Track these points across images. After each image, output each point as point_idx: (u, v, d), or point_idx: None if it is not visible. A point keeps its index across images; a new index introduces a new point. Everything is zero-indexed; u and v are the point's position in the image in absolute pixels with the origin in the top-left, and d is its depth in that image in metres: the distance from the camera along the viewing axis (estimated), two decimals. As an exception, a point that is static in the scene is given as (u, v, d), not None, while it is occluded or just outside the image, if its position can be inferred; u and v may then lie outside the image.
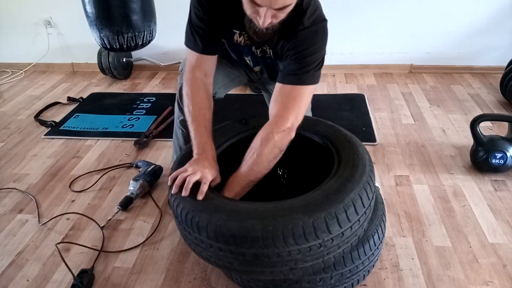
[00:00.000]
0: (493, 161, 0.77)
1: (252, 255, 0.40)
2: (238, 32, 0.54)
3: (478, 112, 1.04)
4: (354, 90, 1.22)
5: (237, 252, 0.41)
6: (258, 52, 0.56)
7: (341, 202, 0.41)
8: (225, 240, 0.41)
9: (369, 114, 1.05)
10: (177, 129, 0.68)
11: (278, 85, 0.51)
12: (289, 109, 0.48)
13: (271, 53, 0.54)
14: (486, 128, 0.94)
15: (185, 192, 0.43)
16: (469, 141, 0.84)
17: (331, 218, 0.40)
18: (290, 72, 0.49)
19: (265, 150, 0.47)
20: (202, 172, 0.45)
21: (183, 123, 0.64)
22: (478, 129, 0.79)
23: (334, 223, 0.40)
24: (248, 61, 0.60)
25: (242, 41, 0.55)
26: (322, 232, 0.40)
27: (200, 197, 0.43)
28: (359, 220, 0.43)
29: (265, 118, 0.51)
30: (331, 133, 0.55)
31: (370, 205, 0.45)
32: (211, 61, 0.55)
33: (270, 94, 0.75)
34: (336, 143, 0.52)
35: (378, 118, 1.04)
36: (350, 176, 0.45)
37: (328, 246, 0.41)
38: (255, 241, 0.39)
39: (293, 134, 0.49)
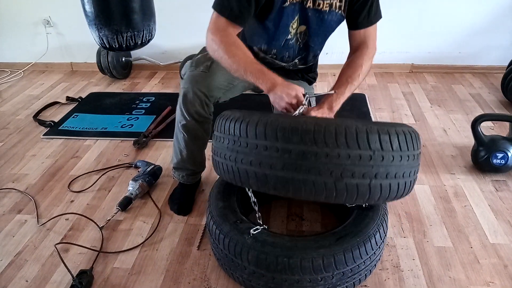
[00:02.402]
0: (494, 161, 0.77)
1: (300, 152, 0.38)
2: None
3: (479, 112, 1.04)
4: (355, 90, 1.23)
5: (284, 148, 0.38)
6: (312, 4, 0.57)
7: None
8: (274, 135, 0.39)
9: (370, 114, 1.05)
10: (178, 132, 0.67)
11: (361, 31, 0.60)
12: (374, 41, 0.62)
13: (344, 5, 0.58)
14: (487, 128, 0.94)
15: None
16: (470, 141, 0.83)
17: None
18: (370, 15, 0.59)
19: (365, 71, 0.60)
20: (292, 91, 0.51)
21: (185, 127, 0.64)
22: (479, 129, 0.79)
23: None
24: (293, 24, 0.59)
25: None
26: (374, 142, 0.39)
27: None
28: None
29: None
30: None
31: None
32: (238, 31, 0.57)
33: None
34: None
35: (379, 118, 1.04)
36: None
37: (378, 162, 0.39)
38: (306, 134, 0.38)
39: None
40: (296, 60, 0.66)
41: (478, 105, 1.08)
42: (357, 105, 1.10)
